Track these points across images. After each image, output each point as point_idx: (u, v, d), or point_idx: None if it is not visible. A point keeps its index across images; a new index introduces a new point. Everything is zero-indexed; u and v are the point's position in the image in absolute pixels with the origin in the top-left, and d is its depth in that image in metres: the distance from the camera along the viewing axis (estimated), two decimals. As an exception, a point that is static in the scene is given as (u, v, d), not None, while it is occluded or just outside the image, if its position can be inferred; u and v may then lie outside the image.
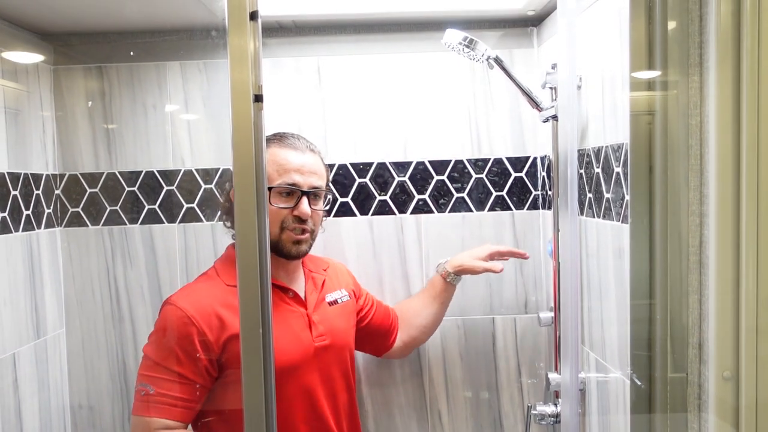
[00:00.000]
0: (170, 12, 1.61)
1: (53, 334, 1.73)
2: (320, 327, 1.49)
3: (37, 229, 1.67)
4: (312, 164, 1.48)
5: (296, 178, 1.44)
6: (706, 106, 1.06)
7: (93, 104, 1.77)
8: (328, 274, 1.61)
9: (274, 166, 1.44)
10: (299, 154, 1.47)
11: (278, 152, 1.46)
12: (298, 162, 1.46)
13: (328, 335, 1.50)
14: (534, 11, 1.70)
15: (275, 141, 1.49)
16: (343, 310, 1.58)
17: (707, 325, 1.08)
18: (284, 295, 1.49)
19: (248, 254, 1.01)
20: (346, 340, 1.56)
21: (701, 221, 1.08)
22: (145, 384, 1.36)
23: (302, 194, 1.45)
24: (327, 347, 1.49)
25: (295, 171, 1.45)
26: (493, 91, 1.81)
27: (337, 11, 1.70)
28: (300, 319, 1.48)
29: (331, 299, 1.57)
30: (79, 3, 1.52)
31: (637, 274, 1.17)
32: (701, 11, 1.06)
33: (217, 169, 1.78)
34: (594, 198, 1.38)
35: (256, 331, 1.03)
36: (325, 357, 1.49)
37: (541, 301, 1.84)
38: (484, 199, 1.82)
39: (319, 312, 1.52)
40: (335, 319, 1.54)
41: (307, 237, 1.47)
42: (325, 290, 1.57)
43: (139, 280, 1.79)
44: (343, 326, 1.56)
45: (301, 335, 1.46)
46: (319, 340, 1.48)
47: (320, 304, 1.54)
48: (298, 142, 1.49)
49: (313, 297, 1.53)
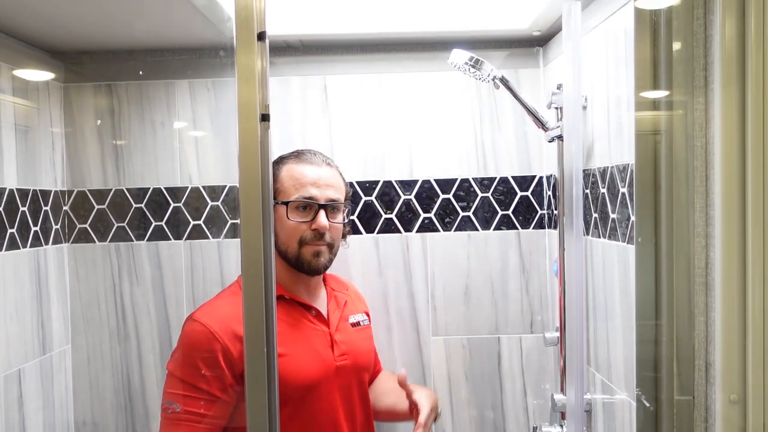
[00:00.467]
0: (180, 31, 1.63)
1: (59, 350, 1.74)
2: (342, 346, 1.49)
3: (44, 245, 1.68)
4: (328, 177, 1.48)
5: (312, 191, 1.44)
6: (711, 127, 1.06)
7: (102, 122, 1.78)
8: (349, 295, 1.61)
9: (291, 182, 1.45)
10: (315, 168, 1.47)
11: (294, 167, 1.47)
12: (314, 175, 1.46)
13: (349, 355, 1.49)
14: (540, 31, 1.71)
15: (292, 157, 1.50)
16: (364, 333, 1.58)
17: (714, 347, 1.07)
18: (307, 313, 1.48)
19: (253, 272, 1.01)
20: (367, 362, 1.56)
21: (707, 242, 1.08)
22: (171, 402, 1.36)
23: (319, 207, 1.44)
24: (348, 367, 1.49)
25: (311, 184, 1.44)
26: (499, 111, 1.81)
27: (344, 31, 1.71)
28: (322, 337, 1.48)
29: (353, 321, 1.57)
30: (91, 22, 1.55)
31: (643, 294, 1.16)
32: (706, 33, 1.06)
33: (224, 187, 1.79)
34: (599, 218, 1.38)
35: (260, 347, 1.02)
36: (346, 377, 1.48)
37: (546, 320, 1.83)
38: (490, 217, 1.82)
39: (342, 331, 1.52)
40: (357, 341, 1.54)
41: (325, 250, 1.46)
42: (347, 311, 1.57)
43: (145, 297, 1.79)
44: (365, 348, 1.56)
45: (322, 353, 1.46)
46: (340, 359, 1.47)
47: (343, 324, 1.53)
48: (314, 157, 1.50)
49: (336, 316, 1.53)
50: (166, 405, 1.37)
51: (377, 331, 1.81)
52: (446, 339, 1.83)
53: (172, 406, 1.35)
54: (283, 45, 1.78)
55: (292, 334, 1.45)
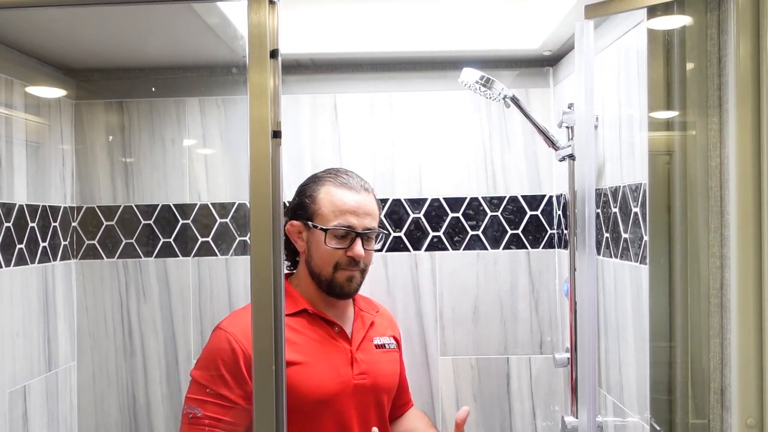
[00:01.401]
0: (191, 50, 1.64)
1: (64, 367, 1.73)
2: (362, 365, 1.48)
3: (52, 261, 1.68)
4: (367, 205, 1.48)
5: (352, 220, 1.45)
6: (725, 147, 1.05)
7: (112, 138, 1.79)
8: (378, 317, 1.60)
9: (330, 207, 1.45)
10: (354, 194, 1.47)
11: (334, 192, 1.47)
12: (353, 203, 1.46)
13: (369, 375, 1.48)
14: (550, 51, 1.71)
15: (329, 179, 1.49)
16: (389, 356, 1.56)
17: (729, 370, 1.05)
18: (330, 329, 1.48)
19: (263, 289, 1.01)
20: (388, 384, 1.53)
21: (722, 263, 1.07)
22: (193, 407, 1.38)
23: (356, 236, 1.45)
24: (367, 387, 1.47)
25: (350, 213, 1.45)
26: (509, 130, 1.81)
27: (354, 49, 1.72)
28: (343, 354, 1.47)
29: (378, 342, 1.55)
30: (103, 40, 1.56)
31: (657, 316, 1.15)
32: (720, 53, 1.06)
33: (233, 204, 1.78)
34: (611, 238, 1.37)
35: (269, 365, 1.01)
36: (364, 396, 1.47)
37: (556, 341, 1.81)
38: (499, 237, 1.82)
39: (364, 351, 1.50)
40: (381, 363, 1.52)
41: (358, 275, 1.48)
42: (373, 332, 1.56)
43: (151, 314, 1.78)
44: (387, 371, 1.54)
45: (341, 370, 1.45)
46: (359, 378, 1.46)
47: (366, 344, 1.52)
48: (352, 181, 1.49)
49: (360, 335, 1.52)
50: (188, 410, 1.39)
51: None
52: (454, 359, 1.81)
53: (193, 411, 1.37)
54: (294, 63, 1.79)
55: (312, 347, 1.44)
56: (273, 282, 1.01)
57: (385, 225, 1.79)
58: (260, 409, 1.00)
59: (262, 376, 1.01)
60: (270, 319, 1.02)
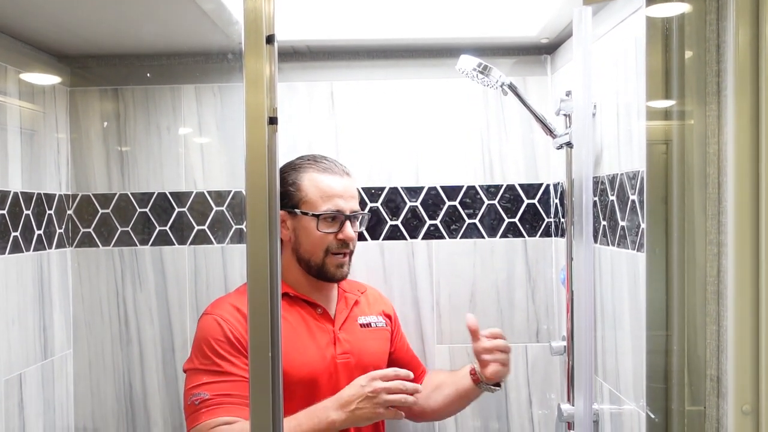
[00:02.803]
0: (187, 36, 1.63)
1: (60, 355, 1.72)
2: (346, 345, 1.50)
3: (48, 249, 1.67)
4: (351, 188, 1.53)
5: (340, 204, 1.48)
6: (724, 134, 1.05)
7: (108, 126, 1.78)
8: (363, 296, 1.62)
9: (318, 192, 1.48)
10: (339, 178, 1.51)
11: (319, 178, 1.49)
12: (340, 187, 1.50)
13: (353, 354, 1.50)
14: (548, 39, 1.70)
15: (310, 165, 1.51)
16: (375, 335, 1.57)
17: (725, 357, 1.05)
18: (312, 311, 1.51)
19: (260, 278, 1.00)
20: (374, 363, 1.54)
21: (719, 250, 1.07)
22: (198, 393, 1.37)
23: (345, 219, 1.48)
24: (351, 366, 1.49)
25: (338, 197, 1.49)
26: (506, 118, 1.80)
27: (351, 37, 1.71)
28: (326, 334, 1.49)
29: (364, 321, 1.57)
30: (97, 26, 1.54)
31: (653, 303, 1.15)
32: (719, 40, 1.06)
33: (229, 192, 1.78)
34: (608, 226, 1.37)
35: (265, 354, 1.01)
36: (349, 375, 1.47)
37: (552, 329, 1.81)
38: (496, 225, 1.81)
39: (347, 331, 1.52)
40: (365, 341, 1.54)
41: (347, 259, 1.52)
42: (357, 311, 1.57)
43: (147, 302, 1.78)
44: (373, 349, 1.55)
45: (324, 350, 1.47)
46: (342, 357, 1.48)
47: (349, 323, 1.54)
48: (335, 167, 1.53)
49: (343, 315, 1.54)
50: (192, 400, 1.37)
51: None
52: (451, 347, 1.82)
53: (199, 397, 1.36)
54: (290, 50, 1.78)
55: (294, 327, 1.47)
56: (269, 269, 1.00)
57: (380, 211, 1.79)
58: (256, 397, 0.99)
59: (258, 364, 1.00)
60: (267, 306, 1.01)
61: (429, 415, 1.62)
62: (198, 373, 1.39)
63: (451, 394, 1.56)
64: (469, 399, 1.56)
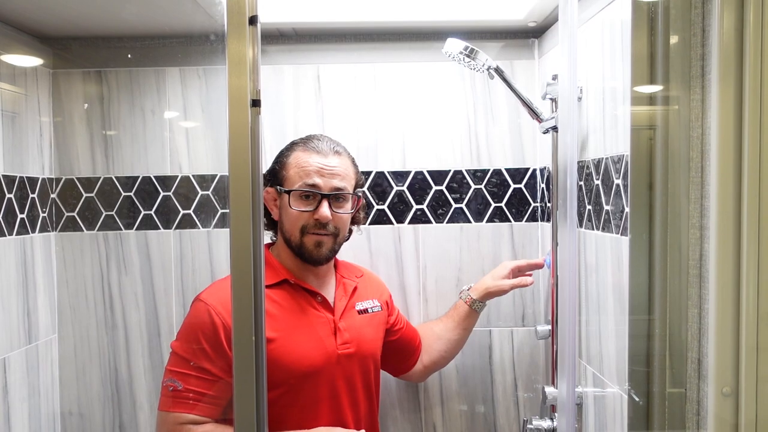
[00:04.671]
0: (169, 16, 1.61)
1: (45, 340, 1.71)
2: (346, 334, 1.48)
3: (31, 233, 1.65)
4: (334, 166, 1.45)
5: (316, 180, 1.43)
6: (707, 118, 1.05)
7: (91, 108, 1.76)
8: (361, 281, 1.59)
9: (296, 169, 1.44)
10: (321, 157, 1.45)
11: (301, 155, 1.46)
12: (319, 164, 1.44)
13: (353, 343, 1.48)
14: (535, 23, 1.70)
15: (300, 144, 1.48)
16: (372, 320, 1.55)
17: (707, 340, 1.06)
18: (312, 299, 1.48)
19: (242, 260, 1.00)
20: (372, 350, 1.53)
21: (702, 234, 1.07)
22: (173, 380, 1.37)
23: (322, 197, 1.43)
24: (351, 355, 1.47)
25: (315, 173, 1.43)
26: (493, 102, 1.80)
27: (338, 19, 1.69)
28: (326, 325, 1.47)
29: (361, 308, 1.54)
30: (79, 7, 1.52)
31: (636, 287, 1.15)
32: (704, 23, 1.05)
33: (215, 176, 1.76)
34: (593, 210, 1.37)
35: (248, 338, 1.01)
36: (349, 365, 1.47)
37: (538, 313, 1.82)
38: (483, 210, 1.81)
39: (347, 319, 1.50)
40: (363, 328, 1.52)
41: (328, 240, 1.45)
42: (355, 298, 1.55)
43: (133, 287, 1.77)
44: (371, 336, 1.53)
45: (325, 341, 1.45)
46: (343, 347, 1.46)
47: (348, 312, 1.52)
48: (322, 144, 1.47)
49: (342, 303, 1.51)
50: (168, 382, 1.38)
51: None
52: (437, 332, 1.82)
53: (174, 384, 1.37)
54: (276, 33, 1.76)
55: (295, 319, 1.44)
56: (252, 253, 1.00)
57: (367, 196, 1.79)
58: (240, 382, 0.99)
59: (241, 348, 1.00)
60: (250, 290, 1.01)
61: (433, 366, 1.70)
62: (179, 359, 1.38)
63: (451, 328, 1.67)
64: (468, 327, 1.68)
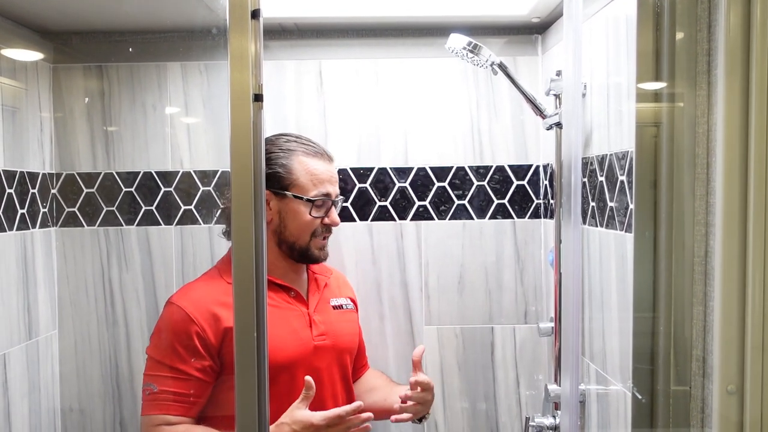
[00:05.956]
0: (171, 11, 1.60)
1: (45, 336, 1.71)
2: (321, 327, 1.50)
3: (31, 229, 1.65)
4: (335, 173, 1.54)
5: (329, 189, 1.50)
6: (713, 114, 1.04)
7: (92, 104, 1.75)
8: (332, 279, 1.63)
9: (308, 177, 1.47)
10: (326, 163, 1.51)
11: (308, 162, 1.48)
12: (328, 173, 1.51)
13: (329, 336, 1.50)
14: (539, 18, 1.69)
15: (296, 146, 1.49)
16: (346, 317, 1.59)
17: (711, 338, 1.05)
18: (286, 294, 1.50)
19: (244, 257, 0.99)
20: (349, 344, 1.56)
21: (707, 231, 1.06)
22: (149, 383, 1.39)
23: (332, 204, 1.50)
24: (327, 348, 1.49)
25: (327, 182, 1.50)
26: (496, 99, 1.79)
27: (340, 14, 1.68)
28: (300, 317, 1.49)
29: (335, 303, 1.58)
30: (80, 1, 1.51)
31: (641, 284, 1.15)
32: (710, 18, 1.04)
33: (216, 171, 1.76)
34: (597, 207, 1.36)
35: (251, 335, 1.00)
36: (326, 357, 1.49)
37: (540, 311, 1.82)
38: (485, 206, 1.80)
39: (321, 313, 1.53)
40: (339, 323, 1.55)
41: (327, 241, 1.53)
42: (329, 293, 1.58)
43: (134, 283, 1.76)
44: (347, 331, 1.57)
45: (300, 333, 1.47)
46: (319, 339, 1.49)
47: (323, 305, 1.55)
48: (322, 151, 1.52)
49: (315, 297, 1.55)
50: (145, 387, 1.40)
51: (369, 319, 1.79)
52: (439, 328, 1.82)
53: (150, 388, 1.39)
54: (278, 28, 1.75)
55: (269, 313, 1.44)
56: (254, 247, 0.99)
57: (368, 192, 1.78)
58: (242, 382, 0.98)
59: (244, 346, 0.99)
60: (252, 287, 1.00)
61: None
62: (154, 362, 1.41)
63: (378, 402, 1.58)
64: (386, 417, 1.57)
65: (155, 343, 1.43)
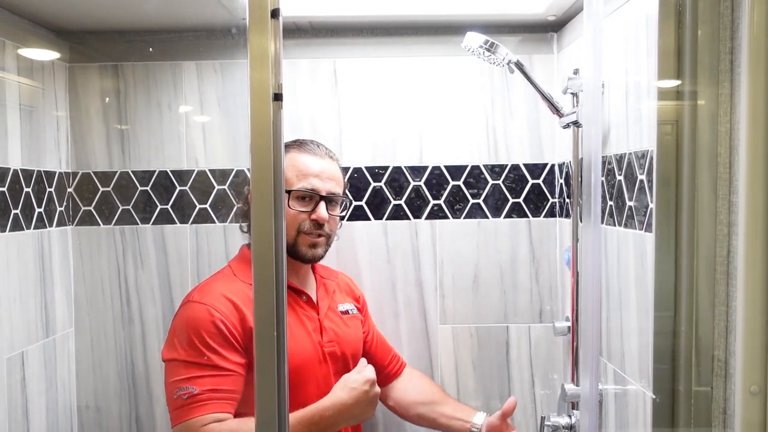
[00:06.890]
0: (188, 11, 1.60)
1: (62, 334, 1.72)
2: (330, 333, 1.50)
3: (48, 227, 1.66)
4: (331, 170, 1.49)
5: (315, 182, 1.45)
6: (736, 112, 1.03)
7: (108, 103, 1.75)
8: (337, 283, 1.62)
9: (294, 171, 1.46)
10: (318, 159, 1.48)
11: (298, 157, 1.47)
12: (317, 167, 1.47)
13: (336, 342, 1.50)
14: (555, 16, 1.68)
15: (295, 147, 1.50)
16: (352, 322, 1.58)
17: (734, 338, 1.05)
18: (298, 298, 1.49)
19: (264, 256, 0.99)
20: (354, 350, 1.55)
21: (729, 231, 1.06)
22: (186, 387, 1.32)
23: (320, 199, 1.46)
24: (336, 354, 1.49)
25: (314, 176, 1.46)
26: (511, 97, 1.78)
27: (355, 13, 1.68)
28: (312, 322, 1.49)
29: (342, 309, 1.58)
30: (97, 1, 1.51)
31: (661, 284, 1.14)
32: (733, 15, 1.04)
33: (231, 170, 1.76)
34: (615, 206, 1.35)
35: (271, 334, 1.00)
36: (334, 363, 1.49)
37: (556, 310, 1.81)
38: (500, 205, 1.80)
39: (330, 318, 1.53)
40: (345, 329, 1.55)
41: (322, 241, 1.48)
42: (336, 298, 1.58)
43: (149, 281, 1.77)
44: (353, 336, 1.56)
45: (312, 338, 1.47)
46: (328, 345, 1.49)
47: (331, 311, 1.54)
48: (317, 149, 1.51)
49: (325, 303, 1.54)
50: (179, 394, 1.32)
51: (384, 318, 1.79)
52: (454, 327, 1.81)
53: (187, 392, 1.32)
54: (293, 27, 1.75)
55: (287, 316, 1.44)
56: (274, 247, 0.99)
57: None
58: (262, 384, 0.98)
59: (263, 347, 0.99)
60: (272, 283, 1.00)
61: (395, 410, 1.67)
62: (185, 365, 1.34)
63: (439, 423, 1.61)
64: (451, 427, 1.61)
65: (180, 346, 1.36)
